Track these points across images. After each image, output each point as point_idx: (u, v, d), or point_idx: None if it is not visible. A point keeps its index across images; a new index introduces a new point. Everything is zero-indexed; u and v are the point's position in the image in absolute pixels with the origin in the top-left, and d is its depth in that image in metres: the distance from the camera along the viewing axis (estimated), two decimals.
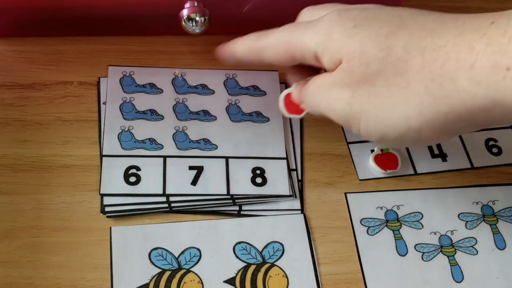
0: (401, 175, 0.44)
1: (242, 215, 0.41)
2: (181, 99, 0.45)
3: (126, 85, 0.45)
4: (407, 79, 0.30)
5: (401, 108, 0.31)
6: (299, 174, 0.43)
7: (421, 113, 0.30)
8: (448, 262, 0.40)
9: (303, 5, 0.38)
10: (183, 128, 0.44)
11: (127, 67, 0.46)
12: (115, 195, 0.40)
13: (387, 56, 0.31)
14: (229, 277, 0.38)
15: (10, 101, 0.44)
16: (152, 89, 0.46)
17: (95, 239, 0.39)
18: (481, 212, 0.43)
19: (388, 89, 0.31)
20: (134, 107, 0.44)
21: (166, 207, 0.40)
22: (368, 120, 0.32)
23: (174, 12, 0.43)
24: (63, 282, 0.37)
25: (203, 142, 0.43)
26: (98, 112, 0.44)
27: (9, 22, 0.46)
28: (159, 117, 0.44)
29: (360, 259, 0.40)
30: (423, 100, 0.30)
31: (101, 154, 0.42)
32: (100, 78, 0.46)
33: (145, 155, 0.42)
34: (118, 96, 0.45)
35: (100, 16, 0.46)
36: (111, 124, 0.43)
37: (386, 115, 0.31)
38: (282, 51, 0.36)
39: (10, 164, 0.41)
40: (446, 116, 0.30)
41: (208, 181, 0.41)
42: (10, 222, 0.39)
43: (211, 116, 0.45)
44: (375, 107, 0.32)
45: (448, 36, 0.29)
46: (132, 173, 0.41)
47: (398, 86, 0.31)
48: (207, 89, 0.46)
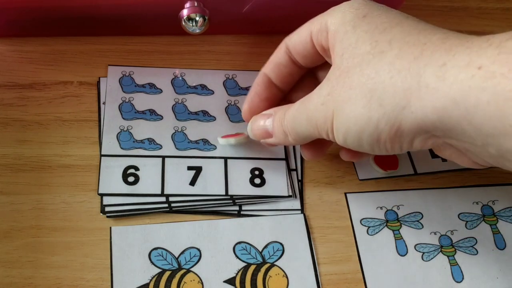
0: (401, 175, 0.44)
1: (242, 215, 0.41)
2: (180, 99, 0.45)
3: (126, 85, 0.45)
4: (377, 69, 0.30)
5: (365, 99, 0.30)
6: (299, 174, 0.43)
7: (382, 104, 0.30)
8: (448, 262, 0.40)
9: (303, 5, 0.38)
10: (182, 128, 0.44)
11: (126, 67, 0.46)
12: (113, 195, 0.40)
13: (371, 49, 0.31)
14: (229, 277, 0.38)
15: (10, 101, 0.44)
16: (151, 89, 0.46)
17: (95, 239, 0.39)
18: (481, 212, 0.43)
19: (358, 80, 0.31)
20: (133, 107, 0.44)
21: (165, 207, 0.40)
22: (338, 117, 0.32)
23: (174, 12, 0.43)
24: (63, 282, 0.37)
25: (202, 142, 0.43)
26: (98, 112, 0.44)
27: (9, 22, 0.46)
28: (158, 117, 0.44)
29: (360, 259, 0.40)
30: (385, 90, 0.30)
31: (100, 154, 0.42)
32: (100, 78, 0.46)
33: (143, 155, 0.42)
34: (117, 96, 0.45)
35: (100, 16, 0.46)
36: (110, 124, 0.43)
37: (352, 108, 0.31)
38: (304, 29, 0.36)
39: (10, 164, 0.41)
40: (402, 112, 0.29)
41: (206, 182, 0.41)
42: (10, 222, 0.39)
43: (210, 116, 0.45)
44: (344, 100, 0.32)
45: (432, 37, 0.30)
46: (130, 173, 0.41)
47: (367, 77, 0.31)
48: (206, 89, 0.46)
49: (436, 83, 0.28)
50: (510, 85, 0.25)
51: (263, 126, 0.39)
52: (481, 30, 0.53)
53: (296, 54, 0.38)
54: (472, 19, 0.54)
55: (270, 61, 0.40)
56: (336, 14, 0.34)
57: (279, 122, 0.38)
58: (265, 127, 0.39)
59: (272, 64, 0.39)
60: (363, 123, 0.31)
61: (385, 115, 0.30)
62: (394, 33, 0.31)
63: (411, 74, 0.29)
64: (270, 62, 0.40)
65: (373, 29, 0.32)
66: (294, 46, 0.38)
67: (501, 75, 0.25)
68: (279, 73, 0.39)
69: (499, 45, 0.26)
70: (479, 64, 0.26)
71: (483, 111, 0.26)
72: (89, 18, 0.46)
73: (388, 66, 0.30)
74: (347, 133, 0.32)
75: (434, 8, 0.54)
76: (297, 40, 0.37)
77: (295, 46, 0.38)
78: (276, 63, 0.39)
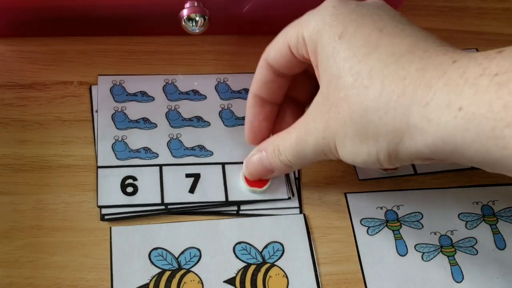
0: (401, 175, 0.44)
1: (241, 214, 0.41)
2: (173, 106, 0.45)
3: (117, 94, 0.45)
4: (364, 106, 0.31)
5: (361, 136, 0.32)
6: (296, 172, 0.43)
7: (378, 141, 0.32)
8: (448, 262, 0.40)
9: (303, 5, 0.38)
10: (177, 135, 0.44)
11: (117, 76, 0.46)
12: (113, 206, 0.40)
13: (354, 82, 0.32)
14: (229, 277, 0.38)
15: (10, 101, 0.44)
16: (143, 97, 0.45)
17: (95, 239, 0.39)
18: (481, 212, 0.43)
19: (350, 117, 0.32)
20: (126, 116, 0.44)
21: (163, 210, 0.40)
22: (341, 149, 0.34)
23: (174, 12, 0.43)
24: (63, 282, 0.37)
25: (198, 148, 0.43)
26: (92, 120, 0.44)
27: (9, 22, 0.46)
28: (152, 125, 0.44)
29: (360, 259, 0.40)
30: (377, 129, 0.31)
31: (97, 166, 0.41)
32: (92, 86, 0.45)
33: (140, 164, 0.42)
34: (109, 106, 0.44)
35: (100, 16, 0.46)
36: (104, 134, 0.43)
37: (351, 143, 0.33)
38: (281, 43, 0.37)
39: (10, 164, 0.41)
40: (397, 147, 0.31)
41: (205, 188, 0.41)
42: (10, 222, 0.39)
43: (204, 122, 0.45)
44: (342, 136, 0.33)
45: (410, 68, 0.30)
46: (129, 183, 0.41)
47: (357, 115, 0.32)
48: (198, 94, 0.46)
49: (422, 124, 0.29)
50: (489, 125, 0.26)
51: (261, 167, 0.40)
52: (481, 30, 0.53)
53: (281, 68, 0.38)
54: (472, 19, 0.54)
55: (256, 80, 0.39)
56: (312, 29, 0.34)
57: (275, 159, 0.38)
58: (263, 166, 0.39)
59: (258, 83, 0.39)
60: (365, 155, 0.33)
61: (382, 149, 0.32)
62: (372, 63, 0.31)
63: (399, 114, 0.30)
64: (255, 81, 0.39)
65: (352, 56, 0.32)
66: (276, 61, 0.38)
67: (480, 116, 0.27)
68: (269, 90, 0.39)
69: (474, 83, 0.27)
70: (459, 105, 0.27)
71: (470, 147, 0.28)
72: (89, 18, 0.46)
73: (374, 104, 0.31)
74: (354, 161, 0.34)
75: (434, 8, 0.54)
76: (277, 55, 0.37)
77: (276, 61, 0.37)
78: (263, 81, 0.39)
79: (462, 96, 0.27)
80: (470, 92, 0.27)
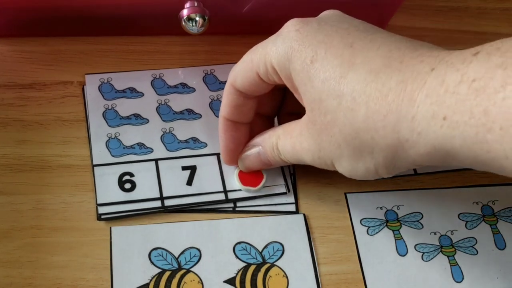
0: (401, 175, 0.44)
1: (238, 211, 0.41)
2: (163, 100, 0.45)
3: (106, 92, 0.45)
4: (356, 129, 0.32)
5: (357, 155, 0.33)
6: (291, 167, 0.43)
7: (374, 157, 0.32)
8: (448, 262, 0.40)
9: (303, 5, 0.38)
10: (169, 129, 0.44)
11: (104, 74, 0.46)
12: (112, 203, 0.40)
13: (338, 105, 0.32)
14: (229, 277, 0.38)
15: (10, 101, 0.44)
16: (132, 93, 0.45)
17: (95, 239, 0.39)
18: (481, 212, 0.43)
19: (343, 139, 0.33)
20: (117, 113, 0.44)
21: (160, 207, 0.40)
22: (339, 167, 0.35)
23: (174, 12, 0.43)
24: (63, 282, 0.37)
25: (192, 141, 0.43)
26: (86, 121, 0.44)
27: (9, 22, 0.46)
28: (144, 120, 0.44)
29: (360, 259, 0.40)
30: (372, 147, 0.32)
31: (92, 165, 0.41)
32: (84, 86, 0.45)
33: (136, 160, 0.42)
34: (99, 104, 0.44)
35: (100, 16, 0.46)
36: (97, 133, 0.43)
37: (348, 162, 0.34)
38: (248, 70, 0.36)
39: (10, 164, 0.41)
40: (393, 160, 0.32)
41: (202, 180, 0.41)
42: (10, 222, 0.39)
43: (195, 114, 0.45)
44: (338, 156, 0.34)
45: (390, 83, 0.30)
46: (126, 179, 0.41)
47: (350, 137, 0.32)
48: (187, 87, 0.46)
49: (413, 137, 0.30)
50: (472, 131, 0.27)
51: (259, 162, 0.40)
52: (481, 30, 0.53)
53: (250, 92, 0.38)
54: (472, 19, 0.54)
55: (225, 106, 0.39)
56: (280, 57, 0.34)
57: (275, 157, 0.39)
58: (261, 161, 0.40)
59: (228, 108, 0.39)
60: (363, 171, 0.34)
61: (379, 163, 0.33)
62: (353, 84, 0.31)
63: (389, 132, 0.31)
64: (225, 107, 0.39)
65: (329, 79, 0.32)
66: (244, 87, 0.37)
67: (464, 123, 0.28)
68: (241, 113, 0.39)
69: (454, 91, 0.28)
70: (443, 115, 0.28)
71: (459, 152, 0.29)
72: (89, 18, 0.46)
73: (364, 125, 0.31)
74: (353, 176, 0.35)
75: (434, 8, 0.54)
76: (245, 82, 0.37)
77: (245, 87, 0.37)
78: (233, 106, 0.38)
79: (444, 106, 0.28)
80: (451, 101, 0.28)
